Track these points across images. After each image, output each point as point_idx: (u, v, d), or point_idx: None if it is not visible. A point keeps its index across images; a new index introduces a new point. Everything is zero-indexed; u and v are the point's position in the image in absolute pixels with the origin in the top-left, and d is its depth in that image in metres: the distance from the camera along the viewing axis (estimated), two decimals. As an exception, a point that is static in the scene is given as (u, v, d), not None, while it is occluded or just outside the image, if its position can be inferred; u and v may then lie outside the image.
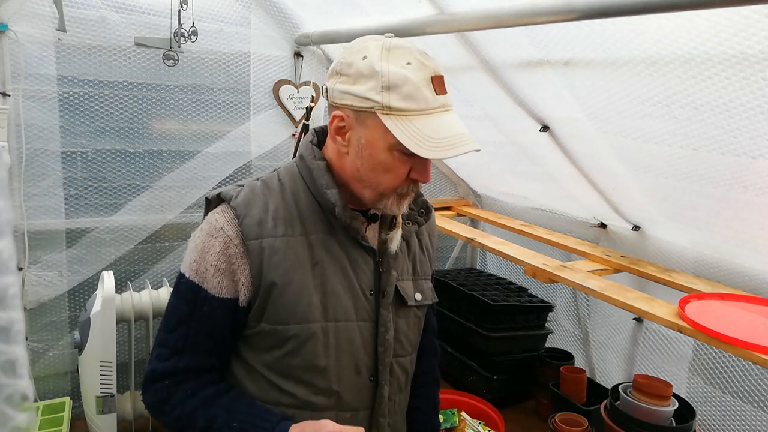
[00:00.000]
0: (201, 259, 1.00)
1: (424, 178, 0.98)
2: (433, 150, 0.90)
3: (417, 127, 0.91)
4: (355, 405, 1.07)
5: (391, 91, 0.91)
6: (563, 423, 1.73)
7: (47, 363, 2.25)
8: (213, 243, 0.99)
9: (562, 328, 2.40)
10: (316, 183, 1.01)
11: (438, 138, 0.90)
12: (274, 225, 1.00)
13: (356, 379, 1.06)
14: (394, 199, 1.00)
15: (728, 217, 1.46)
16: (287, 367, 1.02)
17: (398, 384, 1.13)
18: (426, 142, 0.90)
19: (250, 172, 2.50)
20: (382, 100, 0.91)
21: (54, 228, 2.16)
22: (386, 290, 1.07)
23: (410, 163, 0.96)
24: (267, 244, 0.98)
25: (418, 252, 1.17)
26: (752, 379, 1.62)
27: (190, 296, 1.00)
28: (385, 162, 0.96)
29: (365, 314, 1.05)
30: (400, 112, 0.91)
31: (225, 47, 2.31)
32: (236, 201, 1.01)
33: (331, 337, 1.02)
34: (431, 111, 0.92)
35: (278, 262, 0.98)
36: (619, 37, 1.20)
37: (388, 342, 1.07)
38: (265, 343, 1.02)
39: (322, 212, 1.03)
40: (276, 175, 1.07)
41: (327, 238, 1.03)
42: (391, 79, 0.91)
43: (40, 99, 2.04)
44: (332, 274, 1.02)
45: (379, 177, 0.97)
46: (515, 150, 2.04)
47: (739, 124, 1.13)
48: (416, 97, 0.91)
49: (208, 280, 0.99)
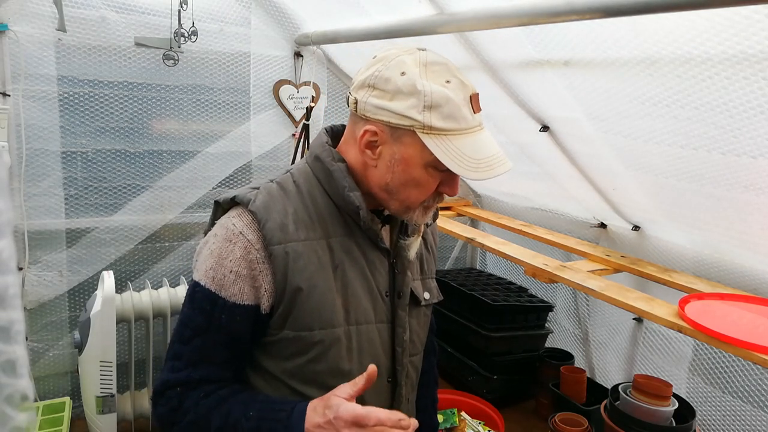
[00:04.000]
0: (218, 266, 0.95)
1: (453, 191, 1.00)
2: (474, 171, 0.91)
3: (457, 146, 0.91)
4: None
5: (433, 111, 0.90)
6: (563, 423, 1.73)
7: (47, 363, 2.25)
8: (232, 248, 0.95)
9: (562, 328, 2.40)
10: (336, 185, 0.99)
11: (478, 158, 0.92)
12: (296, 229, 0.97)
13: (377, 380, 1.03)
14: (420, 211, 1.01)
15: (728, 217, 1.46)
16: (311, 373, 1.00)
17: (411, 383, 1.15)
18: (467, 162, 0.91)
19: (250, 172, 2.49)
20: (423, 119, 0.90)
21: (54, 228, 2.16)
22: (402, 291, 1.07)
23: (441, 178, 0.97)
24: (291, 249, 0.96)
25: (424, 251, 1.17)
26: (752, 379, 1.62)
27: (207, 306, 0.96)
28: (418, 178, 0.96)
29: (383, 316, 1.06)
30: (441, 131, 0.91)
31: (225, 47, 2.31)
32: (255, 205, 0.97)
33: (353, 341, 1.01)
34: (470, 130, 0.93)
35: (303, 267, 0.96)
36: (619, 37, 1.20)
37: (405, 342, 1.08)
38: (288, 351, 1.00)
39: (340, 214, 1.01)
40: (290, 177, 1.04)
41: (346, 241, 1.02)
42: (434, 98, 0.89)
43: (40, 99, 2.04)
44: (353, 276, 1.01)
45: (409, 191, 0.98)
46: (515, 150, 2.04)
47: (739, 123, 1.13)
48: (457, 117, 0.91)
49: (226, 287, 0.95)
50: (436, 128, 0.90)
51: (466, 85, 0.93)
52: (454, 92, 0.90)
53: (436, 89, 0.90)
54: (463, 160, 0.91)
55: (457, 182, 0.99)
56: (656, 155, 1.43)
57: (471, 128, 0.92)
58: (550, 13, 1.19)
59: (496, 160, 0.93)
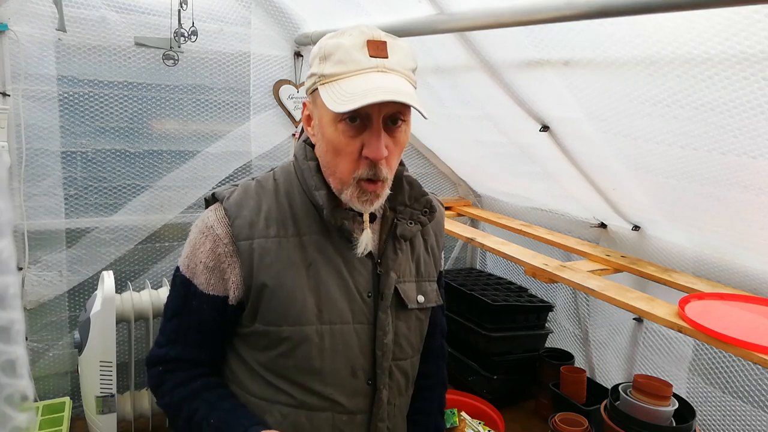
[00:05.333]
0: (192, 255, 1.01)
1: (374, 153, 0.90)
2: (342, 103, 0.85)
3: (342, 87, 0.87)
4: (352, 408, 1.05)
5: (327, 60, 0.91)
6: (563, 423, 1.73)
7: (47, 363, 2.25)
8: (204, 241, 1.00)
9: (562, 328, 2.40)
10: (308, 184, 1.01)
11: (353, 92, 0.86)
12: (266, 225, 0.99)
13: (352, 382, 1.04)
14: (354, 189, 0.94)
15: (728, 217, 1.46)
16: (282, 367, 1.02)
17: (398, 388, 1.11)
18: (341, 97, 0.86)
19: (250, 172, 2.49)
20: (318, 70, 0.92)
21: (54, 228, 2.15)
22: (384, 292, 1.04)
23: (359, 140, 0.91)
24: (257, 245, 0.98)
25: (422, 253, 1.13)
26: (752, 379, 1.62)
27: (182, 290, 1.02)
28: (333, 139, 0.92)
29: (362, 317, 1.03)
30: (332, 77, 0.89)
31: (225, 47, 2.31)
32: (228, 201, 1.01)
33: (326, 340, 1.00)
34: (361, 71, 0.88)
35: (269, 264, 0.98)
36: (619, 37, 1.20)
37: (386, 345, 1.04)
38: (261, 343, 1.02)
39: (317, 213, 1.01)
40: (272, 175, 1.06)
41: (321, 239, 1.01)
42: (327, 49, 0.91)
43: (40, 99, 2.04)
44: (327, 275, 1.00)
45: (334, 159, 0.94)
46: (515, 150, 2.04)
47: (739, 124, 1.13)
48: (346, 60, 0.89)
49: (197, 276, 1.00)
50: (327, 75, 0.90)
51: (366, 33, 0.90)
52: (348, 39, 0.90)
53: (331, 42, 0.91)
54: (339, 95, 0.87)
55: (376, 142, 0.90)
56: (656, 155, 1.43)
57: (362, 69, 0.88)
58: (550, 13, 1.19)
59: (378, 92, 0.85)
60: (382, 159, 0.92)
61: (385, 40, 0.91)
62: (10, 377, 1.17)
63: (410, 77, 0.93)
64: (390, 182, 0.99)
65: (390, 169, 0.96)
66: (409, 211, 1.09)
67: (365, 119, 0.90)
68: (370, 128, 0.91)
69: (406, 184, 1.10)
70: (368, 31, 0.91)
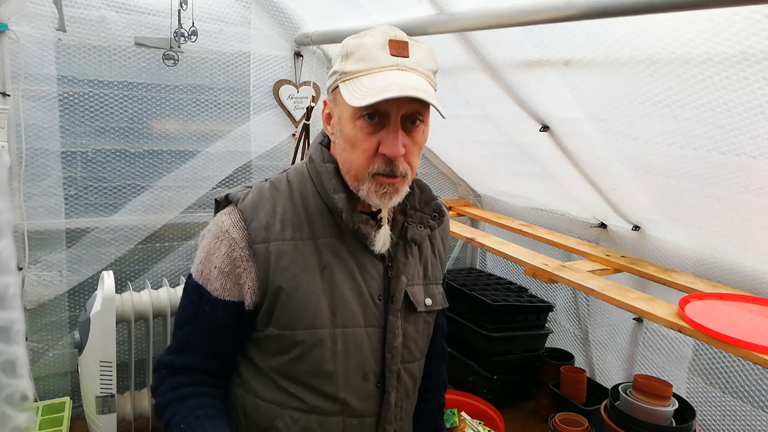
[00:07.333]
0: (206, 261, 0.99)
1: (390, 150, 0.91)
2: (360, 98, 0.86)
3: (362, 83, 0.89)
4: (362, 411, 1.05)
5: (349, 59, 0.92)
6: (563, 423, 1.73)
7: (47, 363, 2.25)
8: (219, 245, 0.98)
9: (562, 328, 2.40)
10: (325, 186, 1.00)
11: (371, 87, 0.87)
12: (282, 228, 0.98)
13: (363, 385, 1.04)
14: (370, 183, 0.94)
15: (728, 217, 1.46)
16: (295, 371, 1.01)
17: (405, 390, 1.11)
18: (360, 92, 0.87)
19: (250, 172, 2.50)
20: (340, 68, 0.93)
21: (54, 228, 2.15)
22: (395, 296, 1.04)
23: (377, 138, 0.92)
24: (274, 248, 0.97)
25: (430, 256, 1.14)
26: (752, 379, 1.62)
27: (195, 297, 1.01)
28: (351, 135, 0.93)
29: (374, 320, 1.03)
30: (352, 74, 0.91)
31: (225, 47, 2.31)
32: (243, 203, 0.99)
33: (339, 343, 1.00)
34: (382, 69, 0.90)
35: (286, 267, 0.97)
36: (619, 37, 1.20)
37: (396, 348, 1.05)
38: (273, 347, 1.01)
39: (331, 216, 1.01)
40: (285, 177, 1.05)
41: (335, 243, 1.01)
42: (349, 48, 0.93)
43: (40, 99, 2.04)
44: (341, 279, 1.00)
45: (351, 155, 0.95)
46: (515, 150, 2.04)
47: (739, 124, 1.13)
48: (367, 58, 0.90)
49: (211, 282, 0.99)
50: (348, 72, 0.92)
51: (388, 33, 0.92)
52: (370, 39, 0.92)
53: (354, 41, 0.93)
54: (358, 91, 0.88)
55: (393, 140, 0.91)
56: (656, 155, 1.43)
57: (383, 67, 0.90)
58: (550, 13, 1.19)
59: (395, 88, 0.86)
60: (398, 156, 0.92)
61: (407, 41, 0.93)
62: (10, 377, 1.17)
63: (430, 78, 0.95)
64: (410, 180, 0.99)
65: (410, 167, 0.97)
66: (419, 215, 1.09)
67: (384, 117, 0.91)
68: (388, 126, 0.92)
69: (416, 187, 1.11)
70: (390, 32, 0.92)
